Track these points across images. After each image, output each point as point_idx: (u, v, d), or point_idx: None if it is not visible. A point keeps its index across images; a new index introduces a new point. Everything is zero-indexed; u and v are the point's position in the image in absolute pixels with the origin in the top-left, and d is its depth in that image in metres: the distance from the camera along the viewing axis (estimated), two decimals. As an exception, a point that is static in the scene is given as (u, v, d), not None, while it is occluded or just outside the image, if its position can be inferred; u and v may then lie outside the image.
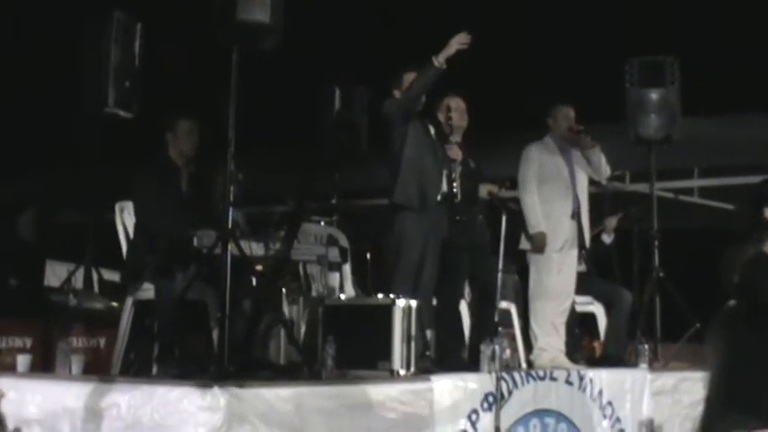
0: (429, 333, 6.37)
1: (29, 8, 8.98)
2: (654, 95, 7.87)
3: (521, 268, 7.46)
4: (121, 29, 7.01)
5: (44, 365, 6.06)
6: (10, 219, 8.31)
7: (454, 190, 6.49)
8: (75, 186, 7.43)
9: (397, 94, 6.55)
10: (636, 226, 8.28)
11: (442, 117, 6.72)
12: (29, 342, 6.40)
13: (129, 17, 7.10)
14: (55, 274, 7.98)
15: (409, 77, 6.49)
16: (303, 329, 6.23)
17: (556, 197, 7.12)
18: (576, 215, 7.18)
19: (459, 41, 6.29)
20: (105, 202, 6.76)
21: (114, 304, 6.61)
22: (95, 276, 7.04)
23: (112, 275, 6.97)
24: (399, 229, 6.39)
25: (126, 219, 6.48)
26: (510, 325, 7.34)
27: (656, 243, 7.89)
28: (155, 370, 5.89)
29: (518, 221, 7.03)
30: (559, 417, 6.26)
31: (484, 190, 6.89)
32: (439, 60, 6.27)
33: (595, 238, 7.85)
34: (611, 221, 8.05)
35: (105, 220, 6.73)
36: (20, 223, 8.57)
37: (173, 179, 6.35)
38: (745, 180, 9.57)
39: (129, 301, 6.25)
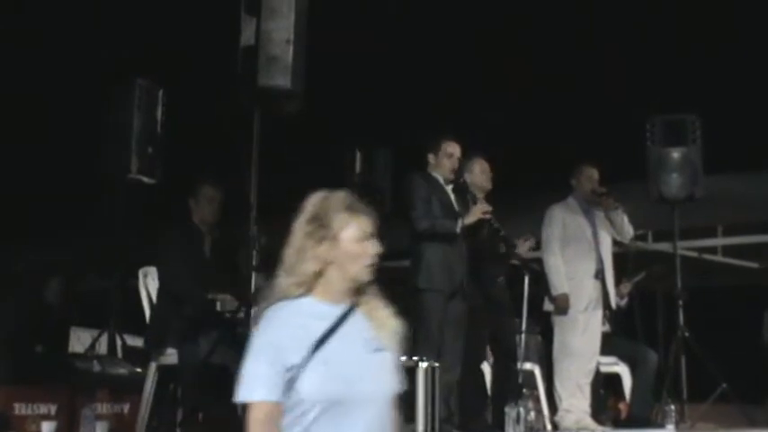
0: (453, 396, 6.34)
1: (53, 77, 9.11)
2: (675, 154, 7.86)
3: (544, 329, 7.42)
4: (144, 95, 7.09)
5: (68, 432, 6.05)
6: (36, 286, 8.35)
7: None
8: (99, 253, 7.47)
9: (431, 158, 6.60)
10: (660, 285, 8.22)
11: (469, 178, 6.78)
12: (53, 409, 6.39)
13: (152, 84, 7.18)
14: (79, 340, 7.99)
15: (447, 146, 6.55)
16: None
17: (579, 258, 7.10)
18: (599, 275, 7.15)
19: (481, 210, 6.43)
20: (128, 267, 6.79)
21: (138, 370, 6.59)
22: (119, 342, 7.03)
23: (136, 341, 6.97)
24: (422, 293, 6.41)
25: (149, 284, 6.50)
26: (534, 386, 7.27)
27: (681, 302, 7.83)
28: (179, 436, 5.89)
29: (541, 282, 7.01)
30: (587, 479, 6.20)
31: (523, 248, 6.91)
32: (461, 225, 6.42)
33: None
34: (625, 286, 7.99)
35: (128, 286, 6.75)
36: (45, 290, 8.62)
37: (196, 244, 6.37)
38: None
39: (153, 367, 6.24)
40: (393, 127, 8.82)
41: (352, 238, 3.19)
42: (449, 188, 6.66)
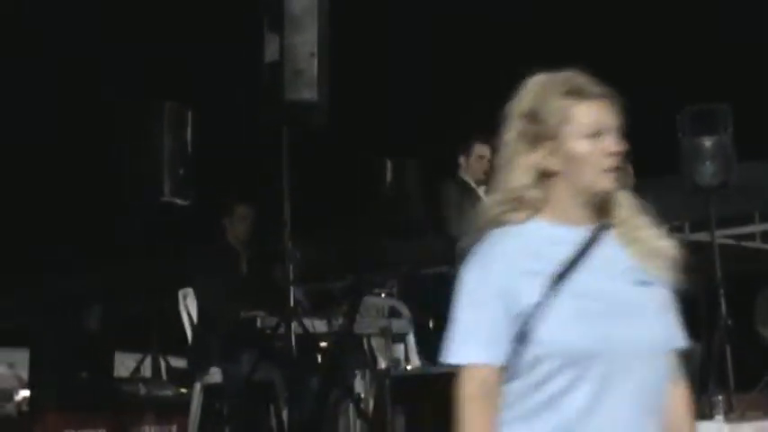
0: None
1: (78, 101, 9.21)
2: (708, 143, 7.81)
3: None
4: (173, 118, 7.12)
5: (118, 456, 6.10)
6: (76, 314, 8.44)
7: None
8: (137, 277, 7.53)
9: (462, 160, 6.60)
10: (699, 275, 8.16)
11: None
12: (102, 433, 6.46)
13: (180, 106, 7.21)
14: (123, 364, 8.05)
15: (478, 149, 6.54)
16: (371, 403, 6.20)
17: None
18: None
19: None
20: (167, 290, 6.84)
21: (183, 390, 6.64)
22: (163, 364, 7.08)
23: (179, 362, 7.02)
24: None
25: (189, 305, 6.55)
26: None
27: (722, 291, 7.77)
28: (227, 454, 5.93)
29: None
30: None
31: None
32: None
33: None
34: None
35: (169, 308, 6.81)
36: (86, 317, 8.70)
37: (232, 263, 6.43)
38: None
39: (198, 386, 6.27)
40: (423, 137, 8.83)
41: (579, 134, 2.32)
42: (481, 190, 6.65)
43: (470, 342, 2.29)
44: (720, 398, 7.07)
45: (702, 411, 7.19)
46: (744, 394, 7.52)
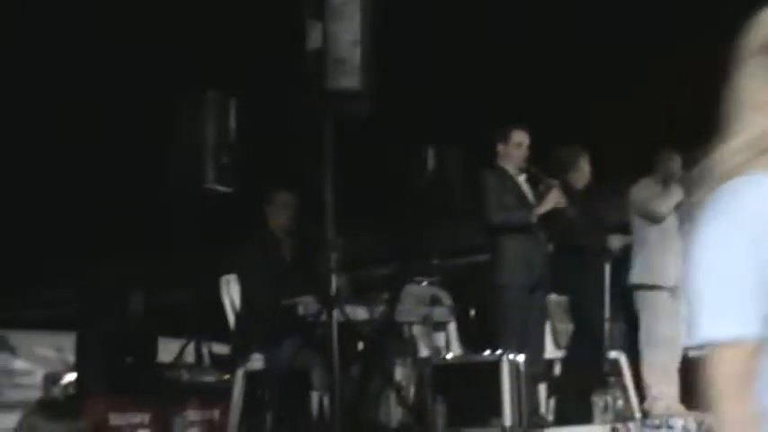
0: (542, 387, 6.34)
1: (123, 93, 9.27)
2: None
3: (627, 316, 7.34)
4: (216, 107, 7.17)
5: (161, 441, 6.16)
6: (119, 300, 8.50)
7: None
8: (180, 263, 7.59)
9: (500, 148, 6.58)
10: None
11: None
12: (146, 418, 6.52)
13: (223, 94, 7.26)
14: (167, 350, 8.11)
15: (516, 136, 6.54)
16: (412, 391, 6.21)
17: (672, 236, 7.03)
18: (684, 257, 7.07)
19: (554, 199, 6.43)
20: (210, 276, 6.89)
21: (226, 377, 6.69)
22: (206, 350, 7.13)
23: (222, 348, 7.07)
24: (502, 289, 6.41)
25: (232, 292, 6.59)
26: (620, 374, 7.20)
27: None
28: (269, 439, 5.97)
29: (622, 268, 6.96)
30: (679, 466, 6.12)
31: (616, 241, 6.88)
32: (536, 215, 6.43)
33: None
34: None
35: (212, 295, 6.86)
36: (130, 303, 8.76)
37: (275, 250, 6.46)
38: None
39: (240, 373, 6.33)
40: (464, 124, 8.81)
41: None
42: (521, 178, 6.64)
43: (724, 314, 1.89)
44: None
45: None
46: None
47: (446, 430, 5.63)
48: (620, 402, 6.09)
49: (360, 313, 5.97)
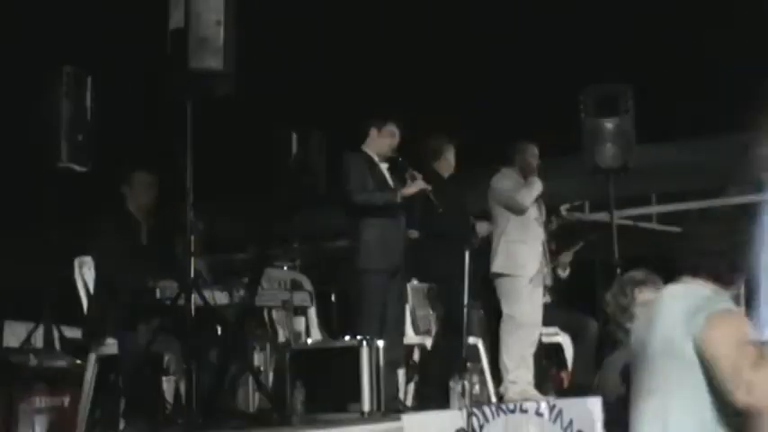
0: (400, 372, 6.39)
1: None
2: (609, 125, 7.94)
3: (485, 303, 7.48)
4: (72, 83, 6.98)
5: (7, 429, 5.94)
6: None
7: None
8: (31, 244, 7.36)
9: (373, 132, 6.61)
10: (597, 254, 8.33)
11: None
12: (-11, 405, 6.29)
13: (80, 71, 7.07)
14: (14, 334, 7.87)
15: (391, 126, 6.62)
16: (271, 376, 6.19)
17: (532, 225, 7.17)
18: (543, 247, 7.25)
19: (420, 185, 6.51)
20: (62, 257, 6.70)
21: (78, 361, 6.52)
22: (56, 334, 6.93)
23: (74, 332, 6.88)
24: (362, 273, 6.43)
25: (85, 274, 6.44)
26: (478, 360, 7.33)
27: (619, 270, 7.93)
28: (122, 426, 5.84)
29: (482, 254, 7.07)
30: (532, 449, 6.26)
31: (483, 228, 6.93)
32: (400, 197, 6.49)
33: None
34: (567, 255, 8.10)
35: (63, 276, 6.67)
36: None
37: (132, 232, 6.33)
38: (701, 204, 9.70)
39: (93, 358, 6.19)
40: (328, 109, 8.79)
41: None
42: (383, 166, 6.68)
43: None
44: (615, 374, 7.23)
45: (596, 387, 7.35)
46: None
47: (305, 416, 5.62)
48: (477, 387, 6.19)
49: (219, 297, 5.89)
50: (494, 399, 7.11)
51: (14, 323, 7.98)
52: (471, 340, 7.14)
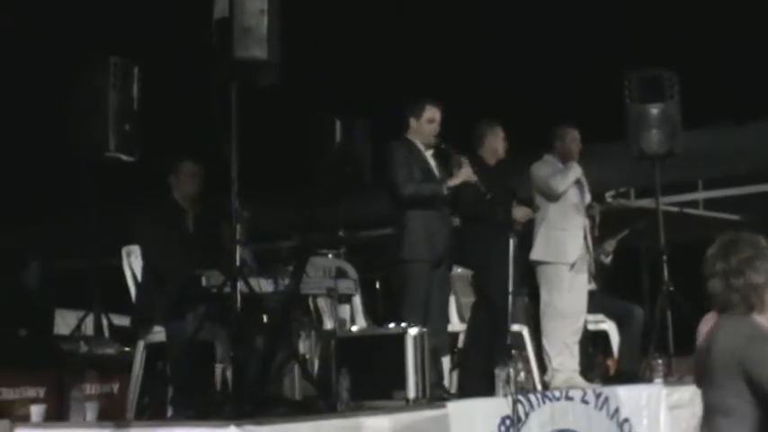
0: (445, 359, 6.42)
1: (22, 56, 9.04)
2: (654, 110, 7.90)
3: (531, 290, 7.47)
4: (119, 73, 7.06)
5: (58, 414, 6.03)
6: (14, 269, 8.33)
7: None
8: (80, 233, 7.45)
9: (412, 122, 6.60)
10: (643, 241, 8.30)
11: (487, 143, 7.03)
12: (42, 392, 6.39)
13: (126, 61, 7.14)
14: (65, 322, 7.99)
15: (429, 111, 6.56)
16: (316, 363, 6.24)
17: (573, 212, 7.15)
18: (585, 233, 7.24)
19: (466, 174, 6.49)
20: (111, 247, 6.80)
21: (126, 349, 6.62)
22: (105, 322, 7.04)
23: (122, 320, 6.98)
24: (406, 263, 6.45)
25: (133, 263, 6.52)
26: (523, 347, 7.34)
27: (665, 257, 7.91)
28: (170, 412, 5.90)
29: (525, 240, 7.06)
30: (578, 436, 6.28)
31: (519, 212, 6.91)
32: (446, 188, 6.48)
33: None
34: (610, 243, 8.07)
35: (112, 266, 6.76)
36: (25, 273, 8.60)
37: (179, 221, 6.40)
38: (748, 190, 9.61)
39: (141, 345, 6.29)
40: (373, 96, 8.81)
41: None
42: (428, 153, 6.67)
43: None
44: (660, 361, 7.23)
45: (643, 374, 7.35)
46: (683, 358, 7.67)
47: (350, 403, 5.64)
48: (522, 375, 6.20)
49: (264, 285, 5.93)
50: (539, 387, 7.11)
51: (65, 311, 8.11)
52: (516, 327, 7.15)
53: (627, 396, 6.65)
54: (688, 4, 9.43)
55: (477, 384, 6.54)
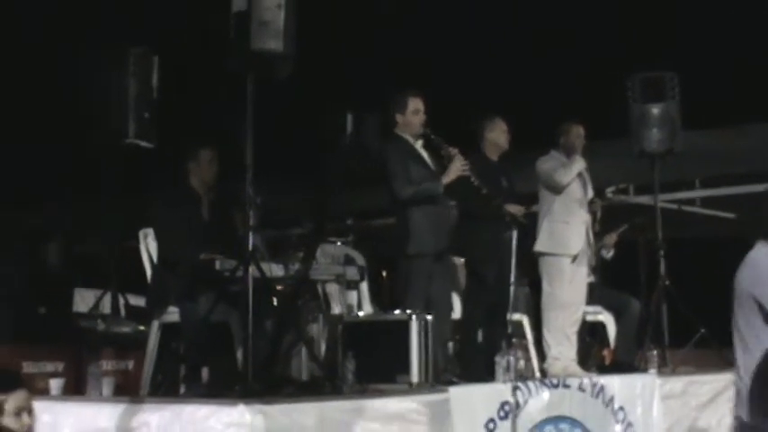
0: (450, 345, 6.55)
1: (50, 46, 9.18)
2: (655, 110, 8.05)
3: (532, 281, 7.63)
4: (138, 62, 7.20)
5: (76, 388, 6.21)
6: (36, 249, 8.48)
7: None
8: (99, 215, 7.61)
9: (399, 118, 6.71)
10: (641, 236, 8.43)
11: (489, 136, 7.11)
12: (60, 366, 6.57)
13: (146, 50, 7.29)
14: (83, 300, 8.13)
15: (413, 103, 6.66)
16: (324, 347, 6.33)
17: (576, 206, 7.31)
18: (586, 227, 7.39)
19: (458, 167, 6.54)
20: (129, 229, 6.95)
21: (141, 328, 6.76)
22: (122, 301, 7.19)
23: (138, 300, 7.15)
24: (411, 258, 6.58)
25: (150, 245, 6.65)
26: (523, 336, 7.50)
27: (662, 252, 8.04)
28: (182, 390, 6.07)
29: (528, 233, 7.20)
30: (573, 423, 6.40)
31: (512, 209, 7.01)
32: (442, 185, 6.55)
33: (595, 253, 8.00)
34: (611, 237, 8.20)
35: (130, 247, 6.92)
36: (46, 252, 8.75)
37: (194, 206, 6.51)
38: (744, 189, 9.75)
39: (156, 325, 6.42)
40: (384, 90, 8.95)
41: None
42: (419, 144, 6.75)
43: None
44: (655, 353, 7.39)
45: (638, 364, 7.51)
46: (677, 350, 7.85)
47: (355, 385, 5.76)
48: (522, 362, 6.35)
49: (275, 270, 6.06)
50: (538, 374, 7.27)
51: (84, 290, 8.24)
52: (516, 316, 7.31)
53: (622, 385, 6.75)
54: (688, 3, 9.53)
55: (479, 371, 6.71)
